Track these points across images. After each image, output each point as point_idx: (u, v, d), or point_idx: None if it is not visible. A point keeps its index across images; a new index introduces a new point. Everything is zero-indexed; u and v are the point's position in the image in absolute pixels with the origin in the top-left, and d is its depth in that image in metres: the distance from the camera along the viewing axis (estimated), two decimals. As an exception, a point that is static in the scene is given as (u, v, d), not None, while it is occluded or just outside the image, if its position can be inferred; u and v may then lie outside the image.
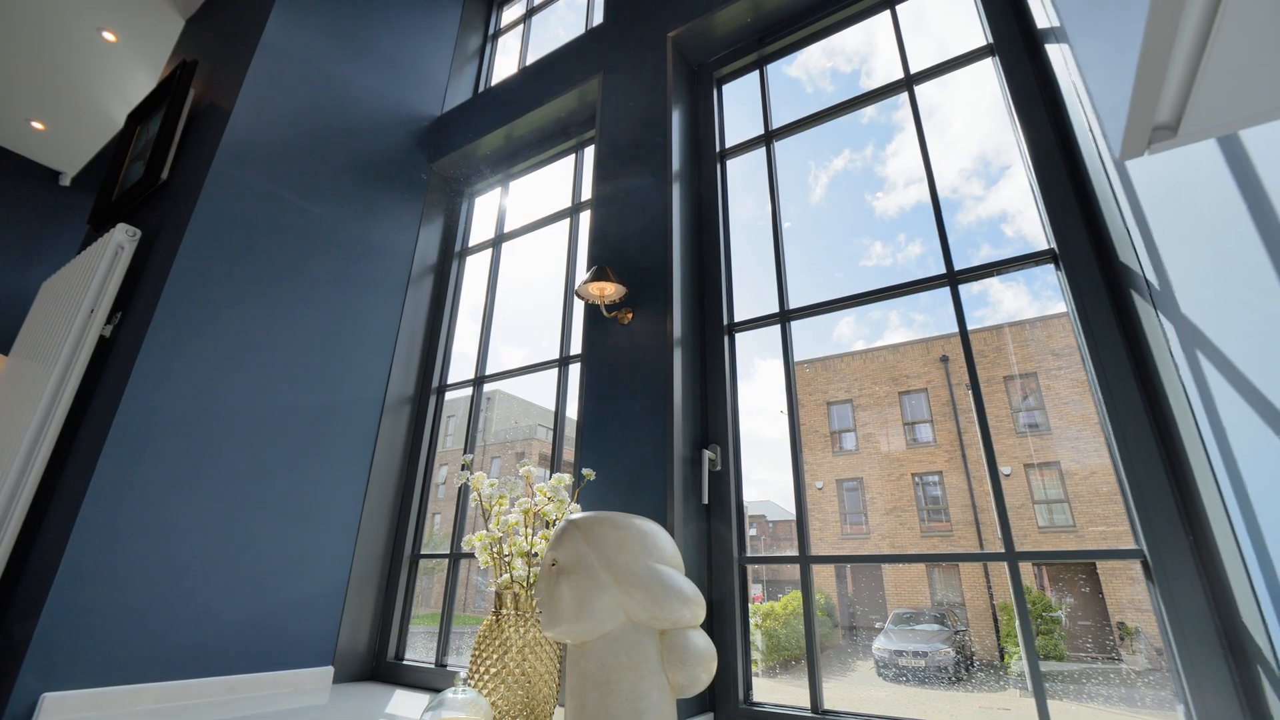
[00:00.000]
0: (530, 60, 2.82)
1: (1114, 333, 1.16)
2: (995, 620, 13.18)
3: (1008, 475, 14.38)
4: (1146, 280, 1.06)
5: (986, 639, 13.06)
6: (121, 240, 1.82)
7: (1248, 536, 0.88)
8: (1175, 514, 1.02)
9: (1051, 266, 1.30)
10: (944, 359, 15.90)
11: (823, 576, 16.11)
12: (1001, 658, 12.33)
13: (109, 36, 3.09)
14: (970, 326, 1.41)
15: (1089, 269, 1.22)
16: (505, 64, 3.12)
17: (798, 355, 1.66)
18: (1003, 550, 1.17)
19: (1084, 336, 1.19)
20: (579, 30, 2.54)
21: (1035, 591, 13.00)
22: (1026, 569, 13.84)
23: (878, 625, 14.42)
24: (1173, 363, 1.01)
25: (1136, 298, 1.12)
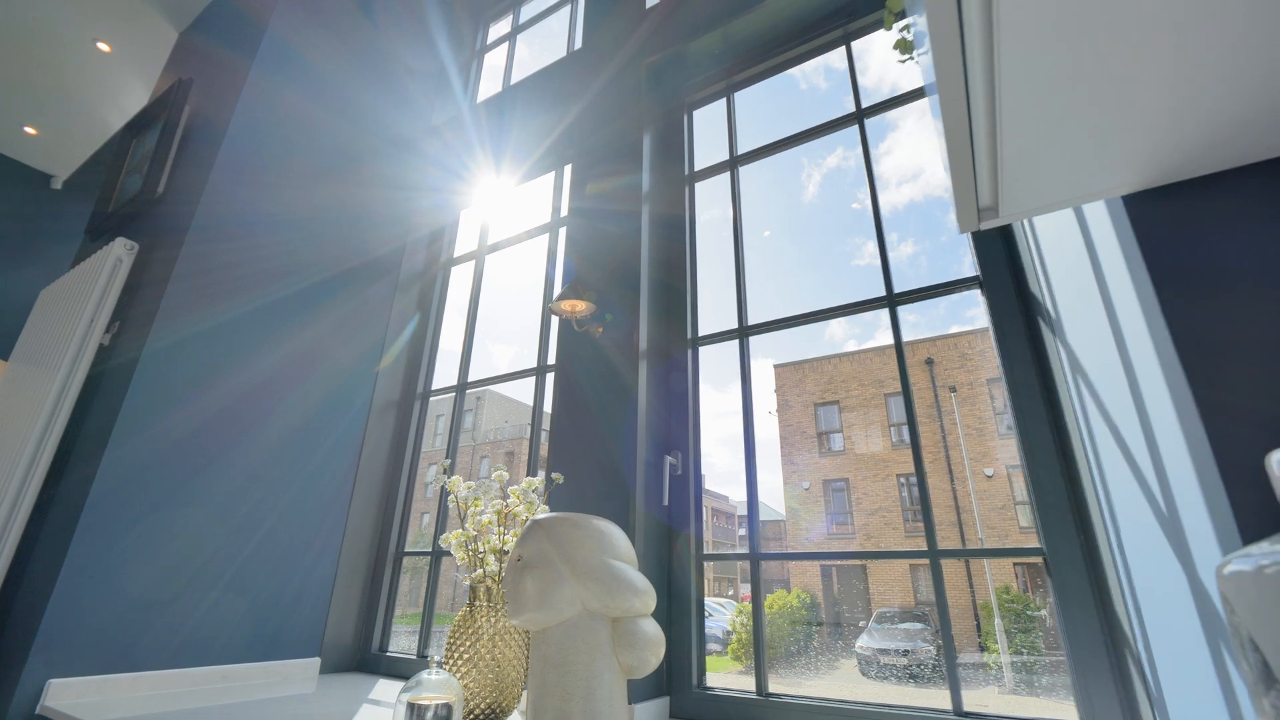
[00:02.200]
0: (515, 79, 2.93)
1: (1026, 354, 1.29)
2: (976, 618, 13.44)
3: (990, 476, 14.64)
4: (1046, 309, 1.19)
5: (969, 637, 13.31)
6: (120, 253, 1.92)
7: (1115, 538, 1.01)
8: (1070, 516, 1.16)
9: (978, 291, 1.44)
10: (929, 362, 16.15)
11: (809, 576, 16.32)
12: (982, 653, 12.58)
13: (104, 47, 3.17)
14: (960, 328, 1.54)
15: (1007, 295, 1.35)
16: (491, 81, 3.23)
17: (791, 356, 1.80)
18: (925, 549, 1.30)
19: (1001, 356, 1.32)
20: (560, 52, 2.65)
21: (1015, 591, 13.27)
22: (1008, 570, 14.11)
23: (861, 624, 14.63)
24: (1067, 382, 1.15)
25: (1043, 323, 1.26)
